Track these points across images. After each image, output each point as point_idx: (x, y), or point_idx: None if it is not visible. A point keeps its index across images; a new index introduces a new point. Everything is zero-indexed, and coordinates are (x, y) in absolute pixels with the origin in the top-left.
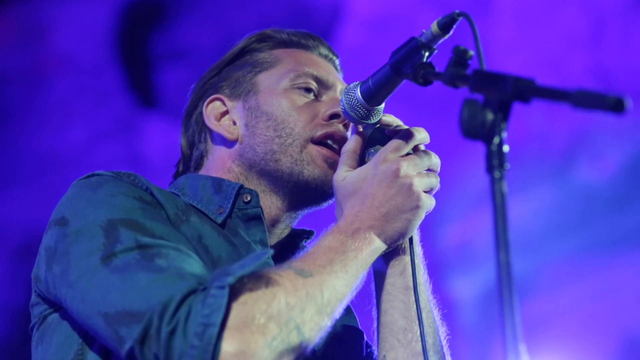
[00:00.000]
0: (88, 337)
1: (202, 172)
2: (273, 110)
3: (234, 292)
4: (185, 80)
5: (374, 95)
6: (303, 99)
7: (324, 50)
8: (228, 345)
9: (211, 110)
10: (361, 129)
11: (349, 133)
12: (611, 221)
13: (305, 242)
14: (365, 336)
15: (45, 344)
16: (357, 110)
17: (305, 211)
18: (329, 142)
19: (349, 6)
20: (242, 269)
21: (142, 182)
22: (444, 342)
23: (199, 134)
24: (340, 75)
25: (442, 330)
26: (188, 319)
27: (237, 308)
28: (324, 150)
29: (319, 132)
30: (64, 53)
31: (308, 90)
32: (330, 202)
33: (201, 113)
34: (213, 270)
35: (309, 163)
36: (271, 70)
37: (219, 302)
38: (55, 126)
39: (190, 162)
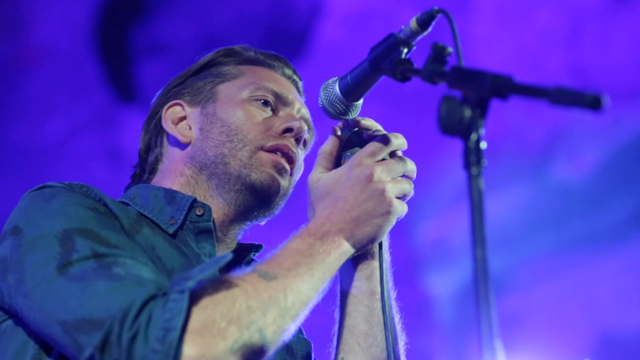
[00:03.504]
0: (45, 344)
1: (157, 177)
2: (228, 117)
3: (195, 297)
4: (164, 74)
5: (352, 91)
6: (260, 111)
7: (288, 71)
8: (189, 349)
9: (170, 114)
10: (339, 132)
11: (300, 152)
12: (587, 219)
13: (254, 255)
14: (312, 347)
15: (0, 351)
16: (335, 106)
17: (252, 222)
18: (278, 154)
19: (328, 3)
20: (201, 273)
21: (94, 193)
22: (402, 351)
23: (155, 138)
24: (302, 98)
25: (402, 338)
26: (149, 324)
27: (197, 312)
28: (274, 156)
29: (270, 143)
30: (43, 46)
31: (266, 103)
32: (275, 213)
33: (160, 118)
34: (167, 279)
35: (257, 167)
36: (232, 81)
37: (180, 306)
38: (33, 119)
39: (146, 165)
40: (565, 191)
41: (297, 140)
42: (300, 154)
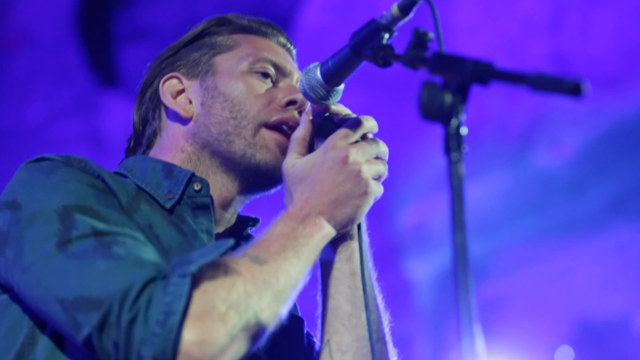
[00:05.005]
0: (39, 321)
1: (154, 151)
2: (230, 92)
3: (194, 281)
4: (146, 59)
5: (333, 76)
6: (261, 83)
7: (282, 39)
8: (189, 334)
9: (168, 87)
10: (310, 117)
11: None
12: (567, 205)
13: (250, 229)
14: (305, 324)
15: None
16: (317, 91)
17: (255, 196)
18: (284, 127)
19: None
20: (203, 258)
21: (92, 169)
22: (386, 330)
23: (152, 111)
24: (296, 65)
25: (386, 317)
26: (149, 306)
27: (198, 296)
28: (277, 135)
29: (274, 117)
30: (25, 30)
31: (266, 75)
32: (279, 187)
33: (156, 90)
34: (165, 260)
35: (262, 147)
36: (229, 52)
37: (181, 290)
38: (15, 103)
39: (142, 138)
40: (545, 177)
41: (300, 112)
42: None
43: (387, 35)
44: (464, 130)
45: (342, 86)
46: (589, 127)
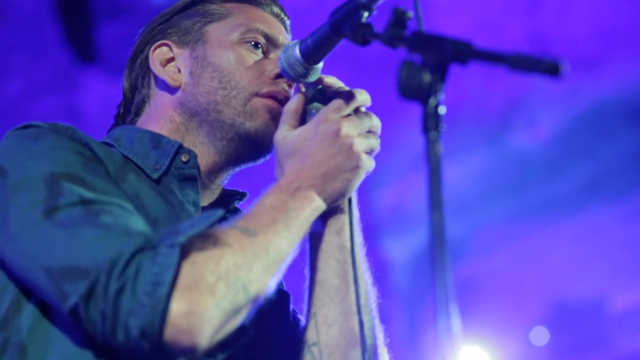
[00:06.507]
0: (25, 288)
1: (142, 119)
2: (220, 62)
3: (183, 252)
4: (125, 36)
5: (312, 53)
6: (251, 54)
7: (275, 9)
8: (177, 305)
9: (157, 55)
10: (303, 90)
11: (292, 92)
12: (544, 186)
13: (238, 203)
14: (291, 299)
15: None
16: (295, 69)
17: (242, 167)
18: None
19: None
20: (192, 228)
21: (80, 137)
22: (374, 305)
23: (142, 78)
24: (289, 37)
25: (373, 293)
26: (137, 276)
27: (186, 267)
28: (269, 101)
29: (264, 90)
30: (2, 5)
31: (257, 46)
32: (267, 157)
33: (147, 57)
34: (153, 230)
35: (252, 115)
36: (221, 22)
37: (170, 260)
38: None
39: (132, 105)
40: (522, 158)
41: (290, 85)
42: None
43: (366, 14)
44: (442, 110)
45: (321, 64)
46: (567, 109)
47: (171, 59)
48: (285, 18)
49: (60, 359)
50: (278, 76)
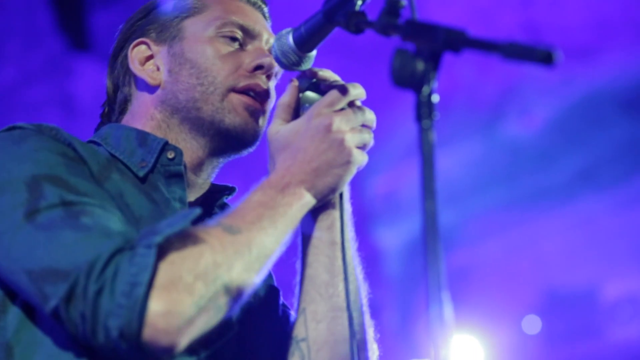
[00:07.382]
0: (9, 290)
1: (127, 118)
2: (197, 58)
3: (161, 251)
4: (118, 23)
5: (305, 41)
6: (228, 48)
7: None
8: (155, 305)
9: (136, 54)
10: (297, 83)
11: (271, 84)
12: (537, 176)
13: (226, 198)
14: (281, 295)
15: None
16: (288, 57)
17: (227, 159)
18: (251, 93)
19: None
20: (169, 227)
21: (64, 137)
22: (364, 300)
23: (123, 77)
24: (268, 24)
25: (364, 288)
26: (115, 278)
27: (164, 267)
28: (245, 98)
29: (242, 83)
30: None
31: (233, 39)
32: (251, 150)
33: (126, 56)
34: (136, 229)
35: (230, 111)
36: (198, 16)
37: (147, 261)
38: None
39: (115, 104)
40: (515, 147)
41: (268, 76)
42: (272, 86)
43: (359, 2)
44: (435, 98)
45: (314, 52)
46: (560, 98)
47: (150, 57)
48: (263, 5)
49: (46, 358)
50: (255, 69)
